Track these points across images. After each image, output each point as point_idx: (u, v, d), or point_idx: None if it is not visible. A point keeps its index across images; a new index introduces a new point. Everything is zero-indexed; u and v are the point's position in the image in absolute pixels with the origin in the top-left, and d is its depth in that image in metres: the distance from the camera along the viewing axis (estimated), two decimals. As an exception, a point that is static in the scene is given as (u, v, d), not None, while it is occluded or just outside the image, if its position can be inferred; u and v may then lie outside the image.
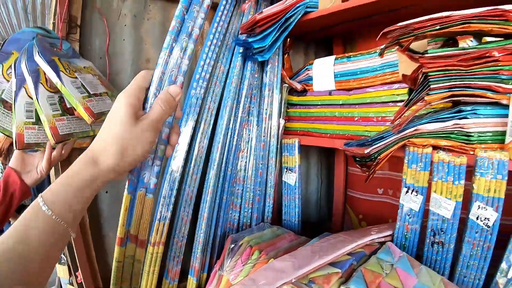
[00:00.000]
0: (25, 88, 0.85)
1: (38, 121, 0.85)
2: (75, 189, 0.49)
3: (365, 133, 1.01)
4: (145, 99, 0.56)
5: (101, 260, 1.13)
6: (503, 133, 0.76)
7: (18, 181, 0.87)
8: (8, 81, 0.88)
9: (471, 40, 0.81)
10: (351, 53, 1.05)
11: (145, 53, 1.16)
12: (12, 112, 0.84)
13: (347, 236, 0.91)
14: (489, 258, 0.80)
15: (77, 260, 1.06)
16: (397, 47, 0.79)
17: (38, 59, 0.82)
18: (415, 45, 0.87)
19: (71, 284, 1.25)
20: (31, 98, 0.85)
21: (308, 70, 1.18)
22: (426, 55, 0.76)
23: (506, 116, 0.74)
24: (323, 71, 1.11)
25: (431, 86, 0.75)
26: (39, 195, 0.47)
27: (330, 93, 1.11)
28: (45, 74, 0.85)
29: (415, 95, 0.77)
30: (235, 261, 0.97)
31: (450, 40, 0.88)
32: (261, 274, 0.77)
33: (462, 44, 0.82)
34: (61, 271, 1.17)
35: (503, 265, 0.78)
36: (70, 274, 1.17)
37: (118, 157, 0.50)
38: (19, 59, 0.85)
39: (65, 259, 1.13)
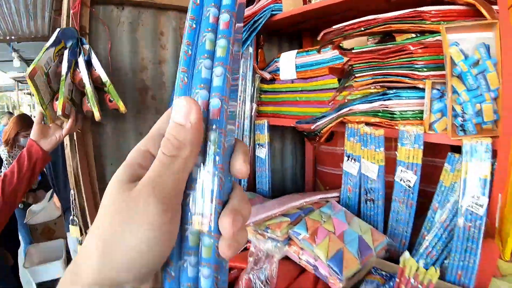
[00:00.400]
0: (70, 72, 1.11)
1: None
2: None
3: (320, 114, 1.23)
4: None
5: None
6: (422, 112, 0.98)
7: (40, 150, 1.10)
8: (54, 61, 1.13)
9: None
10: (309, 48, 1.26)
11: (140, 53, 1.39)
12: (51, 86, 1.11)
13: (301, 195, 1.14)
14: (413, 214, 1.02)
15: (88, 221, 1.30)
16: (331, 45, 1.00)
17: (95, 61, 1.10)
18: (356, 41, 1.09)
19: (80, 243, 1.50)
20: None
21: (276, 62, 1.39)
22: (353, 51, 0.97)
23: (423, 97, 0.95)
24: (287, 63, 1.32)
25: (356, 75, 0.97)
26: None
27: (292, 81, 1.33)
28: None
29: (342, 83, 0.99)
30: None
31: (387, 36, 1.09)
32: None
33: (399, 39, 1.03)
34: (73, 231, 1.41)
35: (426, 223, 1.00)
36: (81, 234, 1.41)
37: (100, 257, 0.25)
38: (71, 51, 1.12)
39: (77, 221, 1.37)
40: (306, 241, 0.93)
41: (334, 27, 0.99)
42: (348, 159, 1.10)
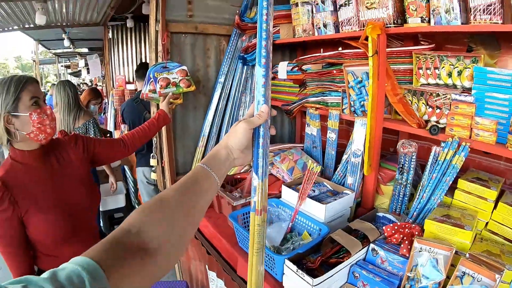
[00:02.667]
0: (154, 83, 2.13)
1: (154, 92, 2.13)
2: (220, 159, 0.82)
3: (293, 101, 2.22)
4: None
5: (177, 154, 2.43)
6: (339, 103, 1.94)
7: (167, 116, 2.06)
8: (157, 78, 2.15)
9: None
10: (296, 60, 2.24)
11: (196, 62, 2.40)
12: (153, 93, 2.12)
13: (287, 144, 2.16)
14: (335, 154, 2.01)
15: (164, 156, 2.36)
16: (297, 67, 1.99)
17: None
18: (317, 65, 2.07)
19: (154, 171, 2.56)
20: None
21: (276, 67, 2.35)
22: (307, 71, 1.96)
23: (339, 96, 1.92)
24: (282, 69, 2.29)
25: (307, 84, 1.96)
26: (201, 162, 0.80)
27: (284, 80, 2.31)
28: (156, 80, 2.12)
29: (301, 88, 1.99)
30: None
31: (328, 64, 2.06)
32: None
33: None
34: (153, 162, 2.46)
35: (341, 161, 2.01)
36: (157, 164, 2.47)
37: (231, 140, 0.82)
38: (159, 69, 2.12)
39: (156, 155, 2.42)
40: (279, 163, 1.96)
41: (299, 58, 1.98)
42: (307, 126, 2.11)
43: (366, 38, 1.55)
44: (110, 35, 6.77)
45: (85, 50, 11.40)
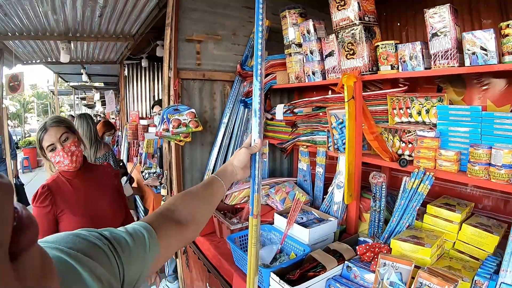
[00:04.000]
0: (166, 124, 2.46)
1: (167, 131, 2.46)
2: (227, 172, 1.14)
3: (286, 140, 2.52)
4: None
5: (185, 185, 2.73)
6: (325, 141, 2.23)
7: None
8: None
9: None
10: (289, 104, 2.56)
11: (203, 104, 2.74)
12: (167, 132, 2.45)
13: (281, 178, 2.44)
14: (323, 186, 2.28)
15: (173, 186, 2.65)
16: (290, 110, 2.31)
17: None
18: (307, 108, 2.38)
19: (164, 200, 2.83)
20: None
21: (274, 109, 2.68)
22: (298, 114, 2.28)
23: (326, 135, 2.22)
24: (279, 110, 2.60)
25: (298, 125, 2.27)
26: (213, 174, 1.13)
27: (281, 120, 2.61)
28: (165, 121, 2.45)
29: (292, 128, 2.30)
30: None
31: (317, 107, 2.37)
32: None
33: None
34: (163, 192, 2.75)
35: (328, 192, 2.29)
36: (167, 193, 2.75)
37: (236, 160, 1.14)
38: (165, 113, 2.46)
39: (166, 186, 2.71)
40: (273, 194, 2.24)
41: (293, 102, 2.30)
42: (299, 162, 2.40)
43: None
44: (126, 72, 7.28)
45: (101, 84, 12.05)
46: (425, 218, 1.71)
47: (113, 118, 9.48)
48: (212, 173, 1.34)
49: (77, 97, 15.95)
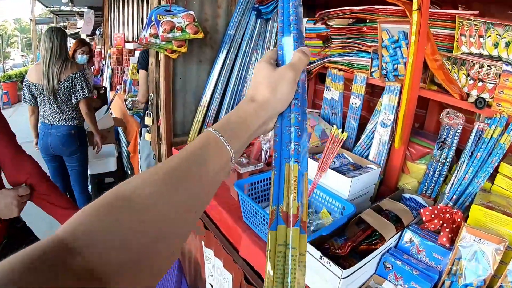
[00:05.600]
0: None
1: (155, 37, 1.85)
2: (242, 120, 0.56)
3: (311, 61, 1.94)
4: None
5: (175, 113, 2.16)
6: (367, 65, 1.67)
7: None
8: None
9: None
10: (311, 19, 1.95)
11: (204, 10, 2.09)
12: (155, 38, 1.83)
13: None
14: (357, 123, 1.73)
15: (160, 112, 2.08)
16: (320, 21, 1.71)
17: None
18: (340, 20, 1.78)
19: (149, 131, 2.29)
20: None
21: (294, 25, 2.09)
22: (332, 26, 1.68)
23: (369, 57, 1.65)
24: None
25: (332, 41, 1.68)
26: (209, 127, 0.54)
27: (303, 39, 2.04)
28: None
29: (324, 44, 1.71)
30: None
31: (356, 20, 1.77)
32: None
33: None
34: (147, 120, 2.19)
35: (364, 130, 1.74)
36: (153, 122, 2.20)
37: (269, 91, 0.58)
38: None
39: (151, 113, 2.15)
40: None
41: (324, 11, 1.69)
42: (326, 90, 1.84)
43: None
44: (111, -10, 6.37)
45: (85, 9, 10.90)
46: (497, 179, 1.24)
47: (98, 48, 8.57)
48: (208, 104, 0.77)
49: (59, 25, 14.72)
